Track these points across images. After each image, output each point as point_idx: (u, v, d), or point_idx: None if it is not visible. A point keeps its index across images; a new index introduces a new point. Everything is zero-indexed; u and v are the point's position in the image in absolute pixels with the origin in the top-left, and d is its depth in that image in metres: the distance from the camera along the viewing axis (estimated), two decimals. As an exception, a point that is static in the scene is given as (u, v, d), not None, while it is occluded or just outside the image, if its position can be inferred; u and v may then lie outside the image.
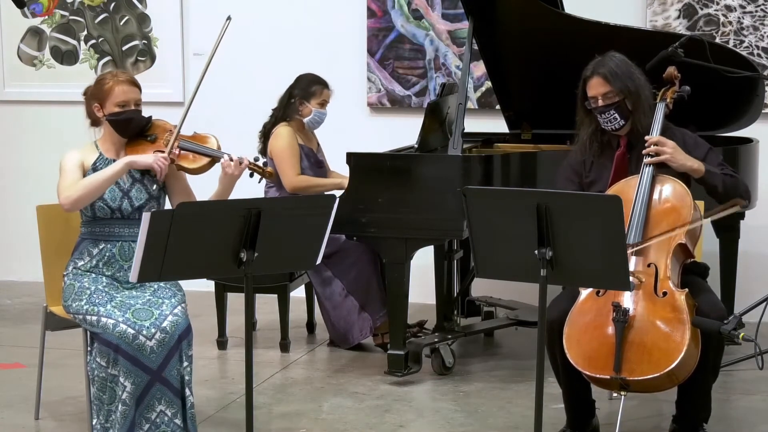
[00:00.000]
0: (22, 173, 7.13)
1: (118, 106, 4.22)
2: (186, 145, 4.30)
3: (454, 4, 6.39)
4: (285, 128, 5.56)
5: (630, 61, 4.28)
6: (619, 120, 4.21)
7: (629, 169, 4.24)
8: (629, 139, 4.28)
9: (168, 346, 3.97)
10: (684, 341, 3.76)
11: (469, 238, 3.63)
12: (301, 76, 5.68)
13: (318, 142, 5.76)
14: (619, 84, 4.19)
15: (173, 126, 4.33)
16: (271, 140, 5.56)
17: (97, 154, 4.29)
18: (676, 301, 3.85)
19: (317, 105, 5.60)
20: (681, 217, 4.02)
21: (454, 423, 4.53)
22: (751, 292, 4.70)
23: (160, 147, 4.27)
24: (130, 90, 4.25)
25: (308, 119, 5.60)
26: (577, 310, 3.95)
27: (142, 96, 4.33)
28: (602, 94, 4.20)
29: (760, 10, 6.02)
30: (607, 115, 4.21)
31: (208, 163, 4.30)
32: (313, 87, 5.60)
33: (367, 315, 5.46)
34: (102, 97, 4.24)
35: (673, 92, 4.33)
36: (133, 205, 4.23)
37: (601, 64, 4.24)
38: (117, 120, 4.24)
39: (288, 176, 5.48)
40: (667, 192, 4.08)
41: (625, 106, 4.20)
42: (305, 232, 3.67)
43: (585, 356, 3.86)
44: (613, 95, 4.19)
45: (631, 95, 4.20)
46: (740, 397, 4.79)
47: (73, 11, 7.02)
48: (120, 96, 4.22)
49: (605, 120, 4.23)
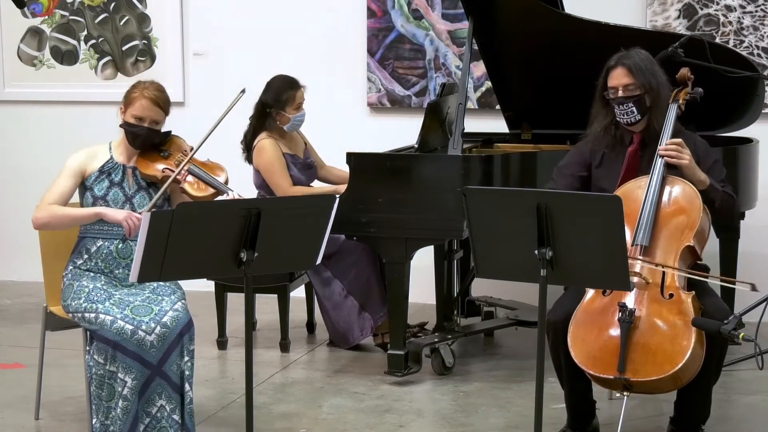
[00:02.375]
0: (22, 173, 7.13)
1: (134, 118, 4.28)
2: (195, 171, 4.36)
3: (454, 4, 6.39)
4: (267, 140, 5.47)
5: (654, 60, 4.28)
6: (636, 114, 4.20)
7: (640, 167, 4.22)
8: (643, 137, 4.26)
9: (168, 340, 3.98)
10: (689, 344, 3.75)
11: (469, 238, 3.63)
12: (270, 83, 5.54)
13: (305, 140, 5.71)
14: (642, 78, 4.19)
15: (189, 147, 4.38)
16: (255, 154, 5.49)
17: (107, 156, 4.31)
18: (683, 304, 3.85)
19: (294, 111, 5.49)
20: (690, 218, 4.00)
21: (454, 423, 4.53)
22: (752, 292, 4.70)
23: (170, 164, 4.32)
24: (150, 108, 4.27)
25: (288, 126, 5.52)
26: (582, 309, 3.95)
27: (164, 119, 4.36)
28: (624, 86, 4.20)
29: (760, 10, 6.02)
30: (625, 107, 4.20)
31: (211, 195, 4.34)
32: (284, 95, 5.46)
33: (367, 315, 5.46)
34: (126, 103, 4.32)
35: (685, 93, 4.31)
36: (135, 211, 4.23)
37: (626, 56, 4.24)
38: (129, 131, 4.31)
39: (282, 188, 5.43)
40: (676, 193, 4.07)
41: (644, 101, 4.20)
42: (305, 232, 3.67)
43: (589, 355, 3.85)
44: (635, 88, 4.19)
45: (651, 91, 4.20)
46: (740, 397, 4.79)
47: (73, 11, 7.02)
48: (138, 110, 4.27)
49: (622, 112, 4.21)
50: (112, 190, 4.26)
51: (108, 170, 4.28)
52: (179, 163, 4.31)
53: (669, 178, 4.09)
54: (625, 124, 4.24)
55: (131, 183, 4.29)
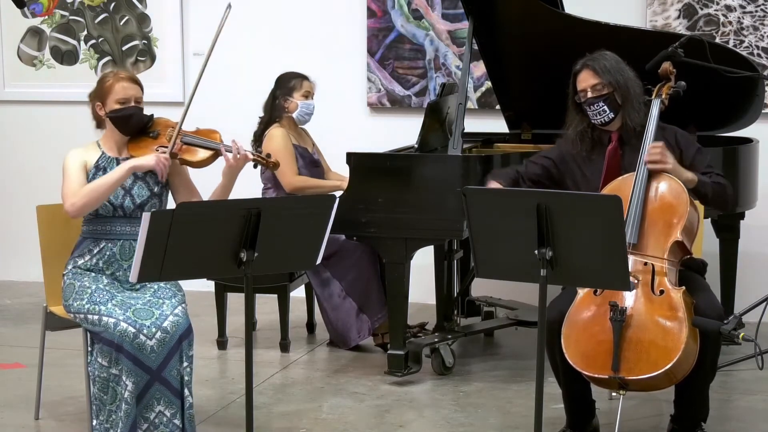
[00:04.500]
0: (22, 173, 7.13)
1: (118, 103, 4.23)
2: (189, 140, 4.30)
3: (454, 4, 6.39)
4: (278, 129, 5.55)
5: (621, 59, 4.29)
6: (608, 113, 4.23)
7: (622, 165, 4.25)
8: (620, 134, 4.29)
9: (168, 346, 3.97)
10: (681, 339, 3.76)
11: (469, 238, 3.63)
12: (279, 77, 5.67)
13: (313, 142, 5.75)
14: (608, 77, 4.23)
15: (175, 123, 4.33)
16: (265, 142, 5.53)
17: (99, 152, 4.29)
18: (673, 300, 3.86)
19: (301, 97, 5.57)
20: (677, 213, 4.02)
21: (454, 423, 4.53)
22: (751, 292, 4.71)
23: (162, 143, 4.27)
24: (131, 87, 4.25)
25: (296, 113, 5.58)
26: (574, 310, 3.96)
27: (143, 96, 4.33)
28: (591, 86, 4.24)
29: (760, 10, 6.02)
30: (597, 107, 4.23)
31: (211, 156, 4.29)
32: (292, 81, 5.60)
33: (365, 317, 5.45)
34: (103, 95, 4.25)
35: (668, 88, 4.31)
36: (135, 202, 4.23)
37: (591, 58, 4.29)
38: (117, 117, 4.25)
39: (286, 176, 5.46)
40: (663, 189, 4.08)
41: (614, 99, 4.23)
42: (305, 232, 3.67)
43: (583, 356, 3.86)
44: (602, 87, 4.23)
45: (620, 88, 4.22)
46: (740, 397, 4.79)
47: (73, 11, 7.02)
48: (120, 93, 4.22)
49: (594, 112, 4.24)
50: None
51: (103, 166, 4.25)
52: (170, 137, 4.26)
53: (655, 174, 4.10)
54: (600, 124, 4.27)
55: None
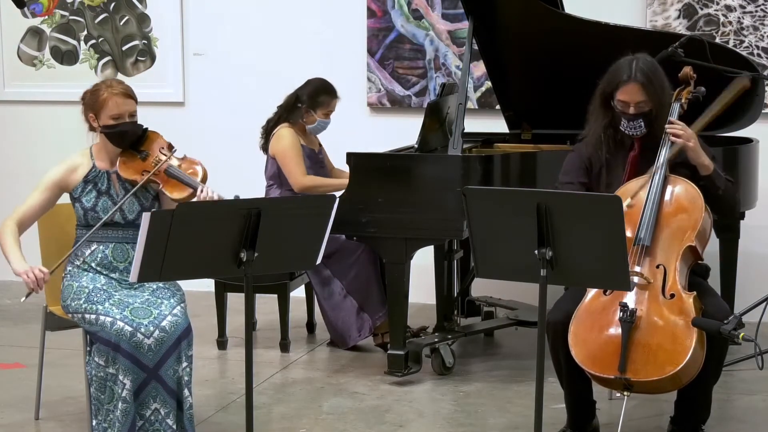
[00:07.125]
0: (21, 173, 7.12)
1: (112, 118, 4.20)
2: (172, 172, 4.25)
3: (454, 4, 6.39)
4: (287, 129, 5.56)
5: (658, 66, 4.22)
6: (643, 128, 4.14)
7: (642, 172, 4.18)
8: (644, 142, 4.21)
9: (166, 345, 3.97)
10: (690, 345, 3.74)
11: (469, 238, 3.63)
12: (310, 81, 5.65)
13: (320, 143, 5.76)
14: (655, 96, 4.11)
15: (166, 142, 4.31)
16: (272, 141, 5.56)
17: (90, 164, 4.27)
18: (684, 304, 3.84)
19: (323, 115, 5.60)
20: (692, 218, 3.99)
21: (454, 423, 4.53)
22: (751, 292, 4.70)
23: (148, 167, 4.24)
24: (125, 102, 4.21)
25: (311, 127, 5.62)
26: (584, 309, 3.94)
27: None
28: (636, 102, 4.11)
29: (760, 10, 6.02)
30: (635, 123, 4.14)
31: (188, 196, 4.23)
32: (321, 97, 5.59)
33: (366, 316, 5.46)
34: (96, 108, 4.21)
35: (688, 92, 4.27)
36: (126, 218, 4.22)
37: (639, 70, 4.12)
38: (112, 133, 4.22)
39: (295, 176, 5.48)
40: (678, 192, 4.05)
41: (651, 115, 4.14)
42: (305, 232, 3.67)
43: (590, 355, 3.85)
44: (646, 105, 4.11)
45: (660, 107, 4.14)
46: (740, 397, 4.79)
47: (73, 11, 7.02)
48: (114, 109, 4.19)
49: (630, 126, 4.14)
50: (101, 199, 4.22)
51: (93, 179, 4.23)
52: (155, 164, 4.24)
53: (671, 177, 4.07)
54: (631, 135, 4.19)
55: (117, 189, 4.24)
